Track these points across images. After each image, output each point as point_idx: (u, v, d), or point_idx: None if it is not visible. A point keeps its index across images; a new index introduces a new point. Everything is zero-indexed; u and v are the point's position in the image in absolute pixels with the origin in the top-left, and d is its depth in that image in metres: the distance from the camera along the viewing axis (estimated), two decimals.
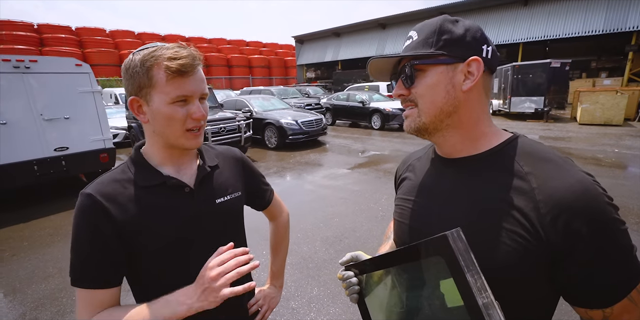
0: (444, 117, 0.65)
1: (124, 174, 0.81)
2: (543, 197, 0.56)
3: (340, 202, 4.76)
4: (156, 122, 0.77)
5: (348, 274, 0.82)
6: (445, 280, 0.52)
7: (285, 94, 15.19)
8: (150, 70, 0.73)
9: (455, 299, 0.50)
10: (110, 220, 0.74)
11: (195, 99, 0.77)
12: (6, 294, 2.85)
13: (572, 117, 12.09)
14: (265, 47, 39.79)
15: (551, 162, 0.60)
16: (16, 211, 4.82)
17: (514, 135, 0.67)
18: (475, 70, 0.63)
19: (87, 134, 5.33)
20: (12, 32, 23.34)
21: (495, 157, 0.65)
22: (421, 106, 0.66)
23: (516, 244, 0.57)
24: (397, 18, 23.48)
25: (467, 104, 0.65)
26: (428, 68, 0.64)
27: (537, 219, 0.55)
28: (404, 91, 0.68)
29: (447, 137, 0.68)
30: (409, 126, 0.70)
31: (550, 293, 0.61)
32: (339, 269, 3.06)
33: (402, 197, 0.82)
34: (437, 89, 0.64)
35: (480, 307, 0.46)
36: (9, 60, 4.48)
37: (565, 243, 0.54)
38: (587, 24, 15.60)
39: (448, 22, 0.64)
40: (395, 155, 7.58)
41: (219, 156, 0.97)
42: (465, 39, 0.63)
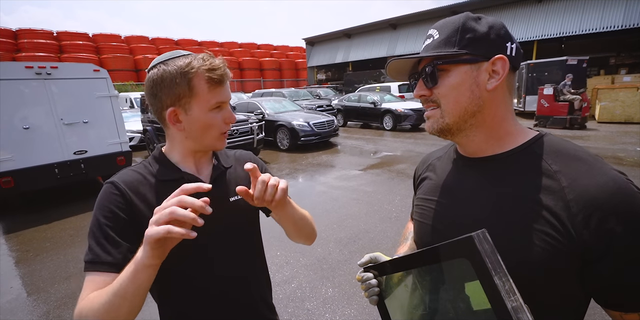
0: (468, 117, 0.64)
1: (146, 168, 0.86)
2: (574, 196, 0.54)
3: (353, 203, 4.75)
4: (194, 129, 0.81)
5: (367, 276, 0.80)
6: (471, 282, 0.50)
7: (297, 95, 15.26)
8: (191, 81, 0.77)
9: (481, 302, 0.49)
10: (130, 207, 0.77)
11: (227, 105, 0.84)
12: (31, 293, 2.95)
13: (591, 115, 11.77)
14: (276, 49, 40.08)
15: (581, 160, 0.58)
16: (38, 213, 4.98)
17: (540, 134, 0.65)
18: (500, 69, 0.61)
19: (105, 137, 5.48)
20: (33, 40, 24.18)
21: (521, 156, 0.63)
22: (444, 107, 0.65)
23: (545, 244, 0.55)
24: (408, 18, 23.34)
25: (491, 103, 0.64)
26: (451, 68, 0.63)
27: (568, 219, 0.54)
28: (426, 92, 0.67)
29: (471, 136, 0.67)
30: (432, 127, 0.68)
31: (581, 296, 0.59)
32: (354, 269, 3.06)
33: (423, 197, 0.80)
34: (461, 89, 0.63)
35: (510, 311, 0.44)
36: (31, 67, 4.65)
37: (599, 243, 0.52)
38: (605, 20, 15.17)
39: (471, 20, 0.63)
40: (407, 155, 7.52)
41: (233, 158, 1.01)
42: (489, 36, 0.61)
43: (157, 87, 0.78)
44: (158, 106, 0.80)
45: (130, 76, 26.14)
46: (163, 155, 0.88)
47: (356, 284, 2.81)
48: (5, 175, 4.49)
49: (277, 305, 1.07)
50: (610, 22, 15.02)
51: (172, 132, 0.85)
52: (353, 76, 22.01)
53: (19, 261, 3.55)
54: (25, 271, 3.33)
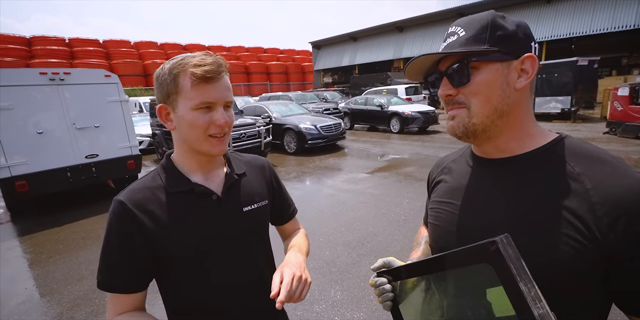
0: (496, 117, 0.62)
1: (154, 181, 0.83)
2: (599, 198, 0.53)
3: (361, 206, 4.74)
4: (181, 129, 0.79)
5: (381, 281, 0.77)
6: (494, 288, 0.48)
7: (303, 99, 15.31)
8: (177, 78, 0.75)
9: (504, 309, 0.47)
10: (139, 228, 0.77)
11: (219, 106, 0.78)
12: (44, 294, 3.00)
13: (602, 116, 11.57)
14: (282, 53, 40.34)
15: (604, 162, 0.57)
16: (51, 216, 5.07)
17: (561, 136, 0.64)
18: (530, 67, 0.60)
19: (115, 141, 5.57)
20: (46, 46, 24.74)
21: (542, 157, 0.61)
22: (474, 107, 0.62)
23: (569, 248, 0.54)
24: (415, 20, 23.32)
25: (518, 103, 0.62)
26: (483, 65, 0.60)
27: (593, 222, 0.52)
28: (453, 91, 0.63)
29: (493, 138, 0.65)
30: (457, 127, 0.65)
31: (604, 302, 0.58)
32: (362, 273, 3.05)
33: (438, 199, 0.78)
34: (493, 88, 0.60)
35: (537, 318, 0.43)
36: (45, 74, 4.76)
37: (626, 246, 0.51)
38: (616, 19, 14.97)
39: (498, 18, 0.61)
40: (415, 158, 7.49)
41: (246, 164, 0.98)
42: (518, 35, 0.60)
43: (155, 85, 0.80)
44: (155, 103, 0.81)
45: (140, 81, 26.54)
46: (172, 164, 0.86)
47: (365, 288, 2.80)
48: (20, 179, 4.59)
49: (285, 309, 1.07)
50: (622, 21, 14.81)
51: (173, 134, 0.84)
52: (359, 79, 22.00)
53: (32, 263, 3.62)
54: (39, 273, 3.39)
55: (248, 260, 0.90)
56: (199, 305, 0.84)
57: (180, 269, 0.82)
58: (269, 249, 1.00)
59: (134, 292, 0.78)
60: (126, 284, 0.77)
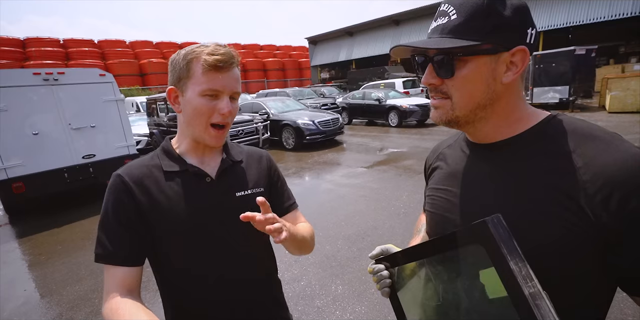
0: (478, 110, 0.60)
1: (152, 160, 0.87)
2: (590, 176, 0.51)
3: (360, 200, 4.72)
4: (186, 112, 0.82)
5: (379, 267, 0.78)
6: (486, 269, 0.48)
7: (301, 95, 15.27)
8: (190, 63, 0.78)
9: (497, 290, 0.47)
10: (135, 201, 0.79)
11: (225, 96, 0.80)
12: (44, 295, 2.99)
13: (601, 105, 11.54)
14: (279, 50, 40.15)
15: (597, 138, 0.55)
16: (49, 217, 5.05)
17: (552, 114, 0.62)
18: (520, 61, 0.57)
19: (112, 141, 5.54)
20: (41, 48, 24.59)
21: (533, 138, 0.60)
22: (456, 99, 0.60)
23: (561, 229, 0.52)
24: (411, 13, 23.16)
25: (504, 95, 0.60)
26: (470, 59, 0.57)
27: (585, 200, 0.51)
28: (436, 81, 0.61)
29: (479, 127, 0.64)
30: (440, 118, 0.64)
31: (604, 283, 0.56)
32: (363, 266, 3.03)
33: (435, 186, 0.77)
34: (477, 83, 0.58)
35: (527, 297, 0.42)
36: (39, 74, 4.72)
37: (622, 224, 0.49)
38: (613, 7, 14.86)
39: (497, 2, 0.55)
40: (414, 152, 7.46)
41: (244, 154, 0.99)
42: (514, 23, 0.55)
43: (169, 69, 0.83)
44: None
45: (136, 81, 26.44)
46: (170, 146, 0.89)
47: (366, 281, 2.79)
48: (17, 181, 4.57)
49: (287, 303, 1.05)
50: (620, 9, 14.70)
51: (178, 117, 0.87)
52: (357, 74, 21.92)
53: (32, 264, 3.60)
54: (38, 274, 3.37)
55: (242, 244, 0.89)
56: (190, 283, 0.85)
57: (170, 246, 0.83)
58: (265, 239, 0.98)
59: (131, 265, 0.78)
60: (124, 255, 0.77)
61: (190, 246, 0.84)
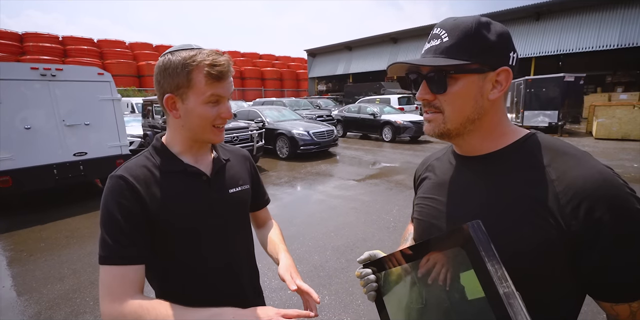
0: (468, 124, 0.66)
1: (149, 160, 0.88)
2: (562, 188, 0.57)
3: (351, 212, 4.75)
4: (188, 119, 0.85)
5: (366, 271, 0.82)
6: (466, 272, 0.52)
7: (297, 105, 15.37)
8: (190, 73, 0.80)
9: (475, 291, 0.50)
10: (138, 200, 0.80)
11: (226, 100, 0.87)
12: (23, 293, 2.90)
13: (588, 131, 11.91)
14: (277, 60, 40.54)
15: (569, 155, 0.61)
16: (35, 214, 4.94)
17: (531, 132, 0.69)
18: (504, 80, 0.64)
19: (105, 140, 5.49)
20: (39, 43, 24.41)
21: (514, 153, 0.66)
22: (448, 113, 0.66)
23: (538, 235, 0.57)
24: (409, 32, 23.77)
25: (490, 111, 0.66)
26: (460, 76, 0.63)
27: (558, 210, 0.56)
28: (430, 96, 0.67)
29: (467, 139, 0.70)
30: (432, 130, 0.69)
31: (575, 288, 0.60)
32: (350, 277, 3.04)
33: (423, 195, 0.82)
34: (467, 98, 0.64)
35: (502, 296, 0.46)
36: (37, 69, 4.70)
37: (588, 232, 0.54)
38: (601, 39, 15.52)
39: (483, 27, 0.62)
40: (406, 167, 7.55)
41: (230, 153, 1.07)
42: (498, 46, 0.63)
43: (161, 75, 0.83)
44: (160, 92, 0.84)
45: (133, 82, 26.32)
46: (164, 146, 0.91)
47: (353, 292, 2.79)
48: (4, 175, 4.48)
49: None
50: (607, 41, 15.36)
51: (171, 119, 0.89)
52: (353, 88, 22.23)
53: (12, 261, 3.51)
54: (19, 271, 3.29)
55: (237, 237, 0.98)
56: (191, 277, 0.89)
57: (172, 243, 0.86)
58: (251, 233, 1.08)
59: (136, 263, 0.77)
60: (134, 254, 0.77)
61: (196, 237, 0.88)
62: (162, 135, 0.94)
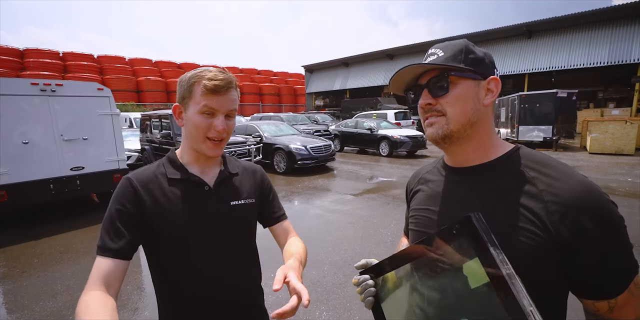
0: (468, 126, 0.71)
1: (159, 168, 0.97)
2: (550, 197, 0.62)
3: (348, 227, 4.73)
4: (187, 127, 0.93)
5: (364, 277, 0.83)
6: (469, 262, 0.56)
7: (295, 120, 15.51)
8: (192, 85, 0.90)
9: (479, 278, 0.54)
10: (138, 202, 0.88)
11: (220, 114, 0.91)
12: (14, 310, 2.84)
13: (582, 146, 12.05)
14: (275, 75, 41.17)
15: (553, 167, 0.66)
16: (29, 228, 4.88)
17: (517, 146, 0.74)
18: (495, 87, 0.72)
19: (103, 154, 5.49)
20: (39, 59, 24.71)
21: (503, 165, 0.71)
22: (450, 114, 0.71)
23: (529, 240, 0.61)
24: (405, 49, 24.30)
25: (485, 117, 0.73)
26: (459, 80, 0.70)
27: (547, 217, 0.61)
28: (432, 100, 0.72)
29: (464, 146, 0.74)
30: (436, 133, 0.73)
31: (564, 292, 0.66)
32: (348, 293, 3.00)
33: (417, 207, 0.85)
34: (467, 100, 0.70)
35: (505, 277, 0.50)
36: (37, 84, 4.75)
37: (574, 237, 0.59)
38: (591, 56, 15.95)
39: (470, 45, 0.73)
40: (403, 181, 7.56)
41: (240, 167, 1.09)
42: (485, 60, 0.72)
43: (177, 88, 0.95)
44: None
45: (132, 97, 26.54)
46: (175, 156, 0.99)
47: (351, 308, 2.75)
48: None
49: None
50: (597, 58, 15.77)
51: (182, 130, 0.97)
52: (350, 103, 22.49)
53: (4, 277, 3.44)
54: (10, 288, 3.22)
55: (231, 250, 0.98)
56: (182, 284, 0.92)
57: (167, 247, 0.90)
58: (254, 248, 1.08)
59: (117, 258, 0.82)
60: (115, 248, 0.82)
61: (186, 246, 0.91)
62: (177, 148, 1.02)
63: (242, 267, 1.01)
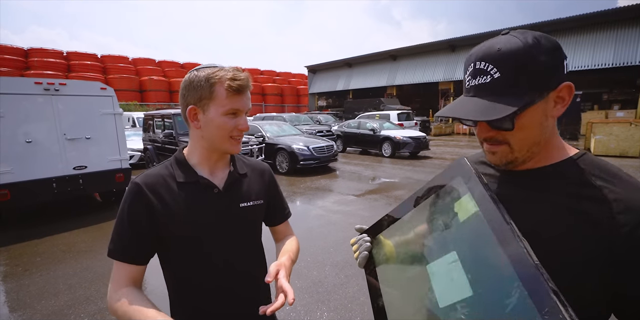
0: (535, 148, 0.64)
1: (167, 170, 0.94)
2: (621, 209, 0.56)
3: (350, 228, 4.71)
4: (208, 129, 0.90)
5: (361, 235, 0.84)
6: (459, 199, 0.62)
7: (297, 120, 15.50)
8: (213, 86, 0.87)
9: (468, 211, 0.59)
10: (148, 207, 0.87)
11: (243, 113, 0.92)
12: (16, 308, 2.85)
13: (586, 148, 11.98)
14: (278, 76, 41.19)
15: (621, 177, 0.60)
16: (31, 227, 4.90)
17: (583, 151, 0.67)
18: (567, 95, 0.61)
19: (106, 153, 5.50)
20: (43, 59, 24.85)
21: (566, 169, 0.64)
22: (514, 143, 0.64)
23: (591, 253, 0.56)
24: (408, 50, 24.28)
25: (553, 127, 0.65)
26: (525, 112, 0.60)
27: (612, 230, 0.55)
28: (493, 133, 0.65)
29: (528, 160, 0.67)
30: (500, 161, 0.67)
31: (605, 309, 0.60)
32: (350, 293, 2.98)
33: None
34: (534, 128, 0.62)
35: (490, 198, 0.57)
36: (40, 83, 4.77)
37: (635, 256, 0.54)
38: (596, 58, 15.87)
39: (533, 49, 0.57)
40: (405, 182, 7.55)
41: (249, 167, 1.08)
42: (552, 64, 0.58)
43: (186, 89, 0.90)
44: (184, 104, 0.90)
45: (135, 96, 26.64)
46: (183, 157, 0.96)
47: (352, 309, 2.74)
48: (2, 188, 4.46)
49: None
50: (601, 60, 15.70)
51: (192, 131, 0.95)
52: (353, 104, 22.49)
53: (6, 276, 3.45)
54: (12, 286, 3.23)
55: (239, 251, 0.98)
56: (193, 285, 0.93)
57: (178, 249, 0.91)
58: (260, 246, 1.08)
59: (134, 263, 0.86)
60: (133, 254, 0.86)
61: (195, 247, 0.91)
62: (184, 147, 0.99)
63: (249, 266, 1.01)
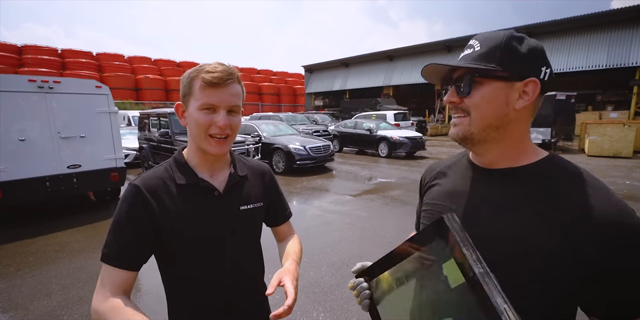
0: (491, 131, 0.67)
1: (166, 172, 0.91)
2: (583, 214, 0.58)
3: (347, 228, 4.71)
4: (190, 125, 0.88)
5: (358, 281, 0.82)
6: (447, 262, 0.57)
7: (294, 120, 15.48)
8: (191, 81, 0.85)
9: (457, 278, 0.54)
10: (148, 211, 0.84)
11: (221, 110, 0.85)
12: (8, 309, 2.80)
13: (580, 148, 12.08)
14: (275, 75, 41.13)
15: (586, 181, 0.62)
16: (24, 227, 4.84)
17: (552, 154, 0.69)
18: (531, 91, 0.64)
19: (100, 152, 5.44)
20: (37, 56, 24.59)
21: (534, 172, 0.66)
22: (473, 116, 0.67)
23: (551, 255, 0.58)
24: (404, 50, 24.33)
25: (516, 121, 0.67)
26: (486, 81, 0.65)
27: (576, 234, 0.57)
28: (456, 99, 0.69)
29: (488, 149, 0.70)
30: (457, 134, 0.71)
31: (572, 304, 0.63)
32: (346, 294, 2.98)
33: (433, 202, 0.81)
34: (491, 104, 0.66)
35: (477, 276, 0.50)
36: (34, 81, 4.71)
37: (605, 258, 0.56)
38: (590, 59, 16.00)
39: (514, 40, 0.65)
40: (402, 182, 7.56)
41: (249, 168, 1.05)
42: (527, 59, 0.64)
43: (180, 86, 0.90)
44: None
45: (130, 95, 26.46)
46: (183, 158, 0.94)
47: (348, 309, 2.73)
48: None
49: None
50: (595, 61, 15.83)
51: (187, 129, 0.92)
52: (350, 103, 22.48)
53: None
54: (4, 286, 3.18)
55: (239, 255, 0.96)
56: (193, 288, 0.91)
57: (177, 252, 0.89)
58: (259, 249, 1.07)
59: (128, 269, 0.82)
60: (127, 260, 0.82)
61: (194, 249, 0.89)
62: (184, 148, 0.97)
63: (247, 267, 1.00)
